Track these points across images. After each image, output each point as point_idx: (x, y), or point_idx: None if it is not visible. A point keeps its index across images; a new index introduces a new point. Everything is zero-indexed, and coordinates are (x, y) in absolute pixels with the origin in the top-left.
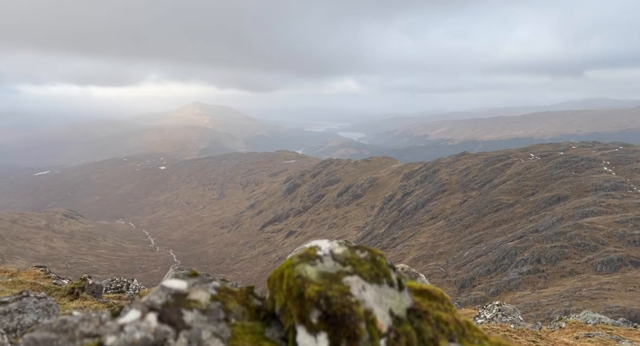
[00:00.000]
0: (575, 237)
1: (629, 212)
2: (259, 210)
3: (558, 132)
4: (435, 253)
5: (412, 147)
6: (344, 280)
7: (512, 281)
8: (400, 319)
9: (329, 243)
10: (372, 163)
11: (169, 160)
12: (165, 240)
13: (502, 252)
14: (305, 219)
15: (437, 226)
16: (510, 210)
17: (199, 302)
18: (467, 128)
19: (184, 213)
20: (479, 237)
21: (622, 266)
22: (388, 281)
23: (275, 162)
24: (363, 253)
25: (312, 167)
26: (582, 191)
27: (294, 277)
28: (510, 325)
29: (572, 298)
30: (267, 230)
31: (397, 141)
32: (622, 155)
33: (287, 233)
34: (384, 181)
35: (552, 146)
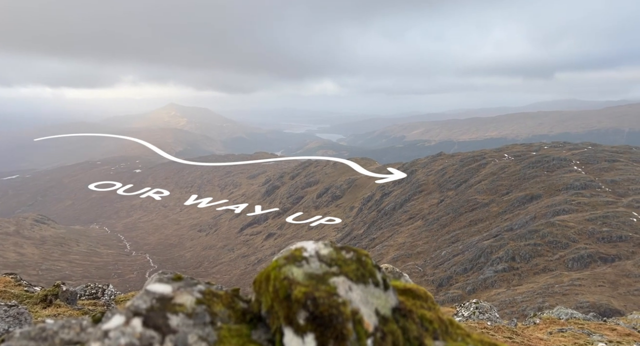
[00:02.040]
0: (548, 234)
1: (598, 209)
2: (237, 212)
3: (530, 132)
4: (414, 252)
5: (390, 148)
6: (330, 281)
7: (488, 279)
8: (386, 318)
9: (315, 244)
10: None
11: (144, 163)
12: (141, 244)
13: (478, 251)
14: (284, 221)
15: (415, 226)
16: (486, 209)
17: (184, 306)
18: (443, 129)
19: (161, 216)
20: (456, 236)
21: (591, 263)
22: (374, 282)
23: (253, 164)
24: (349, 253)
25: (292, 169)
26: (554, 190)
27: (280, 279)
28: (487, 322)
29: (545, 295)
30: (246, 232)
31: (375, 142)
32: (591, 155)
33: (267, 236)
34: (362, 182)
35: (525, 146)
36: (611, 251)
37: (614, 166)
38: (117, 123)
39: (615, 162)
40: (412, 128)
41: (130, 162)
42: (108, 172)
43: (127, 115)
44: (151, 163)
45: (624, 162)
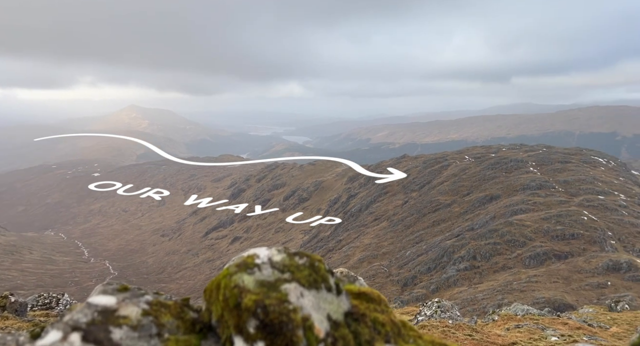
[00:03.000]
0: (507, 233)
1: (552, 209)
2: (202, 217)
3: (489, 135)
4: (379, 253)
5: (355, 150)
6: (282, 288)
7: (451, 278)
8: (337, 323)
9: (268, 250)
10: (317, 166)
11: (103, 167)
12: (100, 250)
13: (441, 250)
14: (250, 224)
15: (381, 227)
16: (448, 209)
17: (128, 318)
18: (407, 132)
19: (121, 221)
20: (420, 237)
21: (547, 260)
22: (326, 287)
23: (218, 167)
24: (302, 259)
25: (258, 171)
26: (512, 190)
27: (230, 287)
28: (448, 320)
29: (504, 292)
30: (211, 236)
31: (341, 144)
32: (546, 157)
33: (233, 239)
34: (329, 184)
35: (484, 148)
36: (564, 248)
37: (566, 167)
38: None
39: (568, 163)
40: (377, 130)
41: (89, 165)
42: (64, 176)
43: (85, 117)
44: (110, 167)
45: (575, 163)
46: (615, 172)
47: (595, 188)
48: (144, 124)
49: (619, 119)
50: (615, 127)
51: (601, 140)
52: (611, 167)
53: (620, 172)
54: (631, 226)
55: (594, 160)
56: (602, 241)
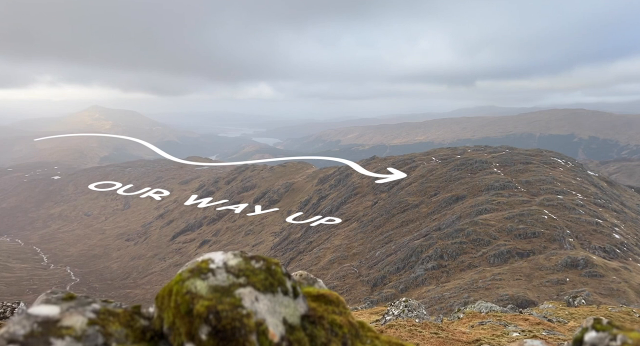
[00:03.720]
0: (472, 233)
1: (515, 208)
2: (169, 220)
3: (455, 136)
4: (350, 254)
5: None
6: (236, 293)
7: (419, 277)
8: (293, 327)
9: (224, 255)
10: (288, 168)
11: (64, 169)
12: (61, 256)
13: (409, 250)
14: (220, 227)
15: (351, 228)
16: (416, 210)
17: (72, 328)
18: (376, 134)
19: (83, 226)
20: (389, 237)
21: (510, 258)
22: (283, 290)
23: (186, 169)
24: (258, 263)
25: (227, 173)
26: (477, 191)
27: (182, 293)
28: (415, 319)
29: (470, 290)
30: (179, 240)
31: (311, 146)
32: (508, 158)
33: (201, 243)
34: (300, 186)
35: (450, 150)
36: (526, 246)
37: (528, 168)
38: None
39: (529, 164)
40: (347, 132)
41: (48, 168)
42: (21, 179)
43: (44, 117)
44: (71, 169)
45: (536, 164)
46: (572, 172)
47: (555, 188)
48: (107, 125)
49: (576, 122)
50: (573, 129)
51: (560, 142)
52: (569, 167)
53: (577, 173)
54: (587, 224)
55: (553, 161)
56: (561, 239)
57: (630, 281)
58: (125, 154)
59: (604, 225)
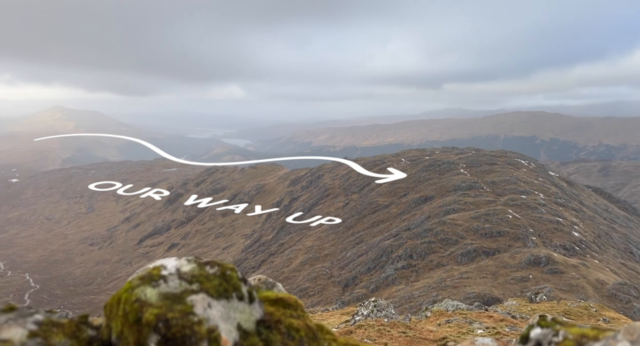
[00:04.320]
0: (440, 232)
1: (481, 208)
2: (135, 223)
3: (424, 138)
4: (321, 255)
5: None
6: (188, 299)
7: (389, 277)
8: (247, 332)
9: (177, 261)
10: (259, 169)
11: (22, 172)
12: (19, 262)
13: (380, 250)
14: (189, 230)
15: (323, 229)
16: (386, 210)
17: (10, 341)
18: (347, 135)
19: (44, 230)
20: (360, 237)
21: (477, 257)
22: (238, 296)
23: (153, 171)
24: (213, 268)
25: (196, 175)
26: (445, 191)
27: (131, 302)
28: (384, 319)
29: (438, 289)
30: (146, 244)
31: (283, 148)
32: (475, 159)
33: (169, 246)
34: (271, 187)
35: (419, 151)
36: (492, 245)
37: (493, 169)
38: None
39: (494, 165)
40: (318, 134)
41: (5, 170)
42: None
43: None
44: (31, 172)
45: (501, 165)
46: (535, 172)
47: (518, 188)
48: (70, 126)
49: (538, 124)
50: (535, 131)
51: (523, 143)
52: (532, 168)
53: (539, 173)
54: (549, 223)
55: (517, 162)
56: (525, 237)
57: (588, 277)
58: (89, 156)
59: (564, 223)
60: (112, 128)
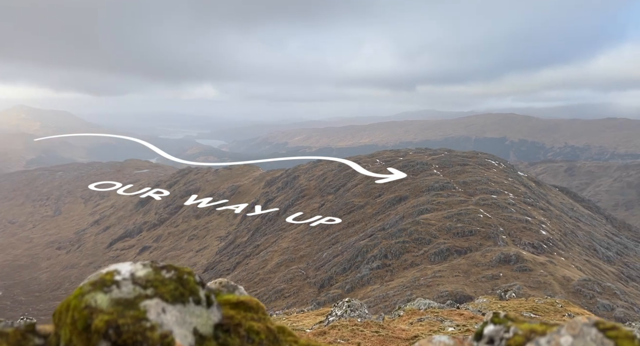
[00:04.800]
0: (414, 232)
1: (453, 208)
2: (105, 226)
3: (398, 139)
4: (297, 256)
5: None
6: (141, 305)
7: (364, 277)
8: (204, 337)
9: (132, 265)
10: (234, 171)
11: None
12: None
13: (355, 251)
14: (161, 232)
15: (298, 230)
16: (362, 211)
17: None
18: (323, 136)
19: (7, 234)
20: (336, 238)
21: (449, 256)
22: (195, 300)
23: (124, 172)
24: (169, 272)
25: (169, 177)
26: (418, 191)
27: (80, 308)
28: (357, 319)
29: (412, 288)
30: (116, 247)
31: (258, 148)
32: (447, 160)
33: (141, 249)
34: (246, 189)
35: (393, 152)
36: (464, 244)
37: (465, 169)
38: None
39: (466, 165)
40: (294, 134)
41: None
42: None
43: None
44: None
45: (472, 165)
46: (505, 173)
47: (489, 188)
48: (36, 126)
49: (508, 126)
50: (505, 132)
51: (493, 144)
52: (502, 168)
53: (509, 173)
54: (518, 222)
55: (487, 163)
56: (495, 236)
57: (555, 274)
58: (55, 157)
59: (533, 222)
60: (81, 129)
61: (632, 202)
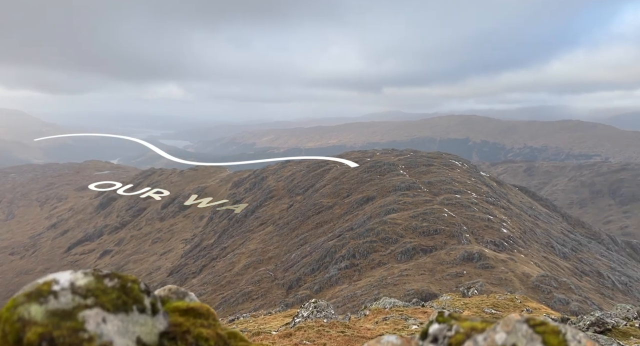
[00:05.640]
0: (381, 232)
1: (419, 207)
2: (63, 230)
3: (365, 140)
4: (265, 258)
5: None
6: (79, 315)
7: (333, 277)
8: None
9: (72, 274)
10: (200, 172)
11: None
12: None
13: (324, 251)
14: (123, 236)
15: (267, 231)
16: (330, 211)
17: None
18: (291, 137)
19: None
20: (304, 239)
21: (415, 254)
22: (139, 308)
23: (83, 174)
24: (112, 281)
25: (131, 178)
26: (385, 191)
27: (12, 321)
28: (323, 319)
29: (379, 287)
30: (75, 251)
31: (225, 149)
32: (413, 160)
33: (102, 253)
34: (213, 190)
35: (361, 153)
36: (429, 243)
37: (430, 169)
38: None
39: (431, 166)
40: (262, 135)
41: None
42: None
43: None
44: None
45: (437, 166)
46: (468, 173)
47: (453, 188)
48: None
49: (471, 127)
50: (468, 133)
51: (457, 145)
52: (465, 169)
53: (472, 173)
54: (481, 220)
55: (451, 163)
56: (459, 235)
57: (516, 271)
58: (9, 158)
59: (494, 221)
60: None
61: (585, 201)
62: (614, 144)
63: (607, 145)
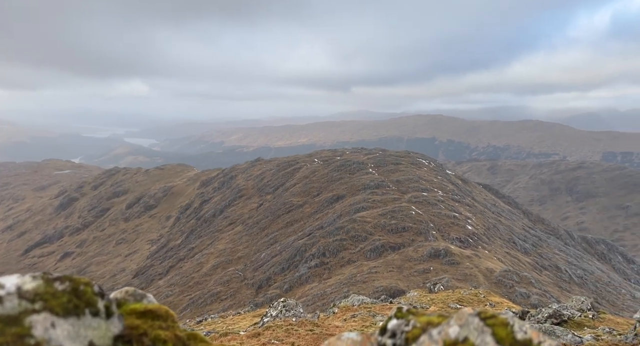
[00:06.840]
0: (351, 230)
1: (388, 205)
2: (20, 232)
3: (335, 139)
4: (234, 258)
5: (209, 154)
6: (26, 321)
7: (303, 276)
8: None
9: (19, 278)
10: (166, 171)
11: None
12: None
13: (294, 250)
14: (85, 237)
15: (236, 231)
16: (300, 210)
17: None
18: (260, 136)
19: None
20: (274, 238)
21: (384, 252)
22: (92, 312)
23: (42, 173)
24: (63, 284)
25: (94, 178)
26: (355, 190)
27: None
28: (292, 318)
29: (349, 284)
30: (33, 254)
31: (193, 147)
32: (382, 159)
33: (62, 256)
34: (180, 189)
35: (331, 152)
36: (398, 240)
37: (398, 168)
38: None
39: (399, 164)
40: (230, 133)
41: None
42: None
43: None
44: None
45: (405, 164)
46: (434, 171)
47: (420, 186)
48: None
49: (437, 127)
50: (434, 133)
51: (424, 144)
52: (432, 167)
53: (438, 172)
54: (447, 218)
55: (419, 162)
56: (426, 232)
57: (480, 266)
58: None
59: (460, 218)
60: None
61: (545, 198)
62: (571, 143)
63: (564, 144)
